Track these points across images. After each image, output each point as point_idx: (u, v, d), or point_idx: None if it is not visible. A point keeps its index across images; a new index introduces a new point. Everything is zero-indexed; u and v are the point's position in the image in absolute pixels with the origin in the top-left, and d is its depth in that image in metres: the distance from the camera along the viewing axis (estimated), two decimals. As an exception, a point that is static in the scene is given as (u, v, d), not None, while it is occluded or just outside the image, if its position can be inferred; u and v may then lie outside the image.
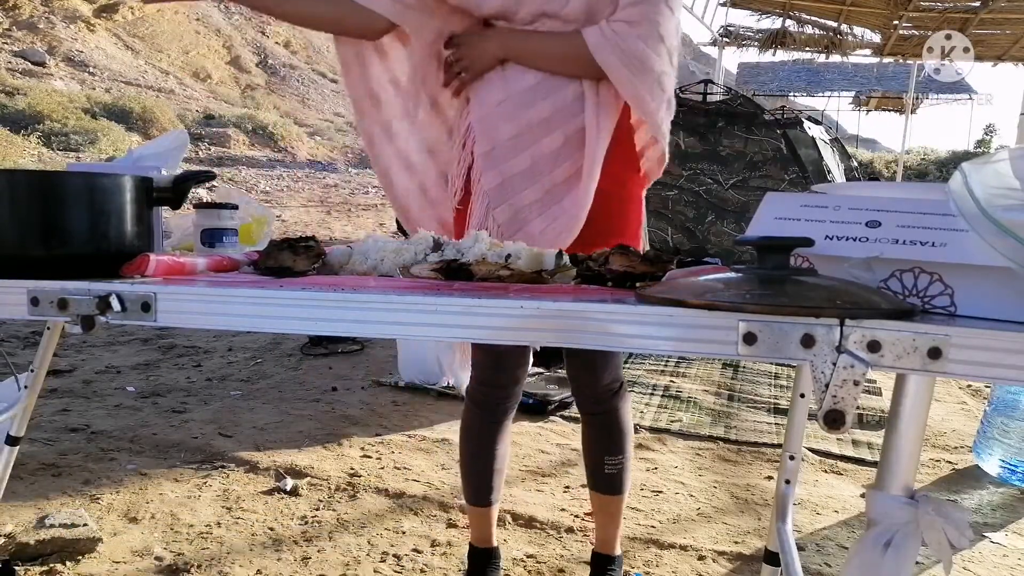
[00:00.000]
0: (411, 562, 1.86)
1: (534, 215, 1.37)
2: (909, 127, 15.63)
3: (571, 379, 1.58)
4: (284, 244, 0.99)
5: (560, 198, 1.36)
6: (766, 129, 4.85)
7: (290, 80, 24.20)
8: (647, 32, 1.30)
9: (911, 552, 0.64)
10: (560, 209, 1.36)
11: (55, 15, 19.09)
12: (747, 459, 2.64)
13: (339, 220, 10.18)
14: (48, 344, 1.43)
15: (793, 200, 0.83)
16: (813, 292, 0.66)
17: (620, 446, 1.58)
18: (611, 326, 0.70)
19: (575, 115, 1.36)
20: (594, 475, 1.62)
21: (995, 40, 9.09)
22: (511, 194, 1.38)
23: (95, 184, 0.90)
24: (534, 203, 1.37)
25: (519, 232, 1.37)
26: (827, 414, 0.61)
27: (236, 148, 16.03)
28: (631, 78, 1.30)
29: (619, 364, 1.57)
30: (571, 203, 1.35)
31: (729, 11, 9.51)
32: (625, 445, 1.59)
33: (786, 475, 1.32)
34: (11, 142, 11.22)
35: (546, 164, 1.37)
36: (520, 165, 1.37)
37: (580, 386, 1.57)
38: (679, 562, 1.90)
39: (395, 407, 3.04)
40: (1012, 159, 0.70)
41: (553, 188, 1.37)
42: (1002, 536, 2.11)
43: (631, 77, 1.30)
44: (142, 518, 2.02)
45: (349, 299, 0.76)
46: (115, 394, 3.10)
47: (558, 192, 1.37)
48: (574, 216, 1.35)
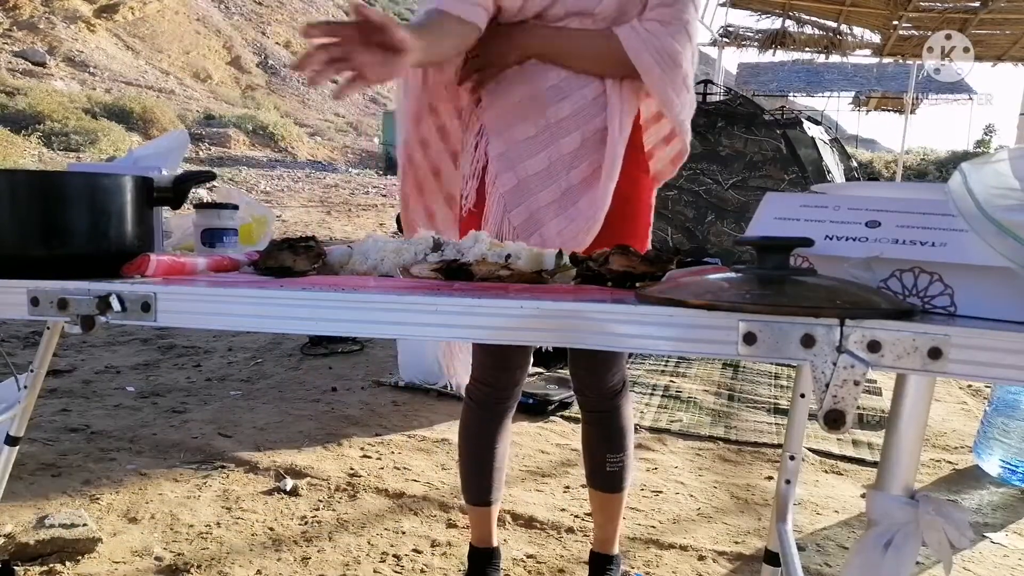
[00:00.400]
0: (411, 562, 1.86)
1: (550, 217, 1.35)
2: (909, 127, 15.63)
3: (574, 378, 1.58)
4: (284, 244, 0.99)
5: (577, 199, 1.35)
6: (766, 129, 4.85)
7: (290, 80, 24.19)
8: (678, 31, 1.32)
9: (911, 552, 0.64)
10: (577, 211, 1.34)
11: (55, 15, 19.08)
12: (747, 459, 2.64)
13: (339, 220, 10.18)
14: (48, 344, 1.43)
15: (793, 200, 0.83)
16: (813, 292, 0.66)
17: (621, 444, 1.58)
18: (611, 326, 0.70)
19: (594, 115, 1.35)
20: (595, 473, 1.62)
21: (995, 40, 9.09)
22: (527, 196, 1.35)
23: (95, 184, 0.90)
24: (551, 204, 1.35)
25: (535, 234, 1.35)
26: (827, 414, 0.61)
27: (236, 148, 16.03)
28: (662, 76, 1.31)
29: (623, 364, 1.57)
30: (588, 204, 1.34)
31: (729, 11, 9.51)
32: (626, 444, 1.59)
33: (786, 475, 1.32)
34: (11, 142, 11.22)
35: (563, 165, 1.35)
36: (537, 166, 1.35)
37: (584, 386, 1.56)
38: (679, 562, 1.90)
39: (395, 407, 3.04)
40: (1012, 159, 0.70)
41: (570, 189, 1.35)
42: (1002, 536, 2.11)
43: (662, 76, 1.31)
44: (142, 518, 2.02)
45: (349, 299, 0.76)
46: (115, 394, 3.10)
47: (575, 193, 1.35)
48: (591, 217, 1.34)
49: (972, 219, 0.66)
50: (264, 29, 26.60)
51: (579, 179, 1.36)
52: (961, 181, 0.69)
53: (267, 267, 0.97)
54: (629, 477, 1.62)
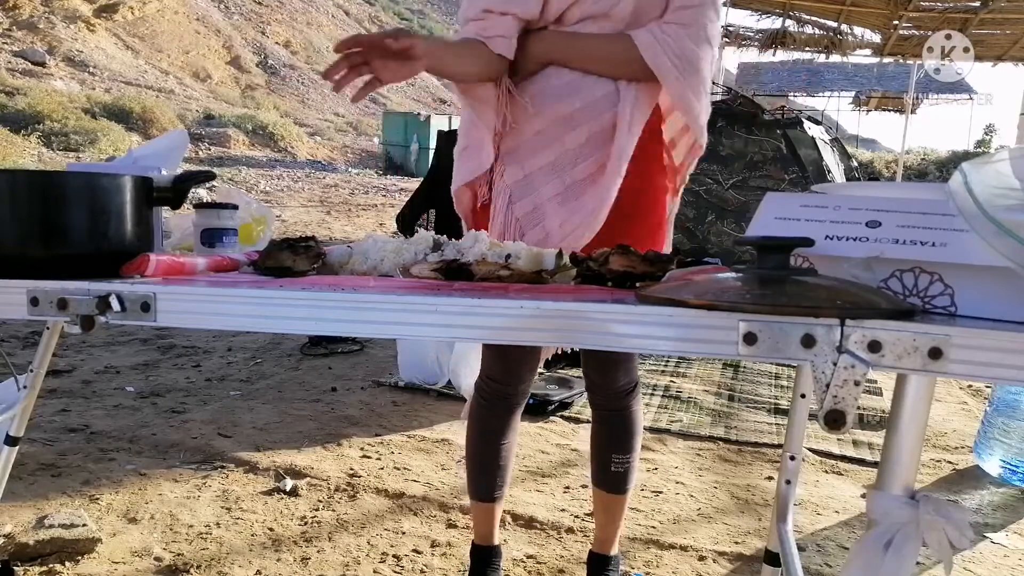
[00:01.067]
0: (411, 562, 1.86)
1: (553, 209, 1.36)
2: (909, 127, 15.62)
3: (585, 377, 1.59)
4: (284, 244, 0.99)
5: (580, 194, 1.36)
6: (766, 129, 4.84)
7: (290, 80, 24.21)
8: (697, 34, 1.32)
9: (912, 552, 0.63)
10: (580, 204, 1.35)
11: (55, 15, 19.10)
12: (747, 459, 2.64)
13: (339, 220, 10.18)
14: (48, 344, 1.43)
15: (793, 200, 0.83)
16: (813, 292, 0.66)
17: (629, 445, 1.59)
18: (611, 326, 0.70)
19: (602, 112, 1.36)
20: (600, 472, 1.62)
21: (995, 40, 9.09)
22: (532, 189, 1.38)
23: (95, 184, 0.90)
24: (554, 197, 1.37)
25: (537, 226, 1.36)
26: (828, 414, 0.61)
27: (236, 148, 16.04)
28: (680, 79, 1.32)
29: (634, 365, 1.57)
30: (591, 198, 1.35)
31: (729, 11, 9.50)
32: (634, 445, 1.59)
33: (787, 475, 1.32)
34: (11, 142, 11.23)
35: (568, 160, 1.36)
36: (543, 160, 1.37)
37: (594, 385, 1.57)
38: (679, 562, 1.90)
39: (395, 407, 3.04)
40: (1012, 159, 0.70)
41: (574, 184, 1.36)
42: (1003, 536, 2.11)
43: (679, 78, 1.32)
44: (141, 518, 2.02)
45: (349, 299, 0.76)
46: (114, 394, 3.10)
47: (579, 187, 1.36)
48: (592, 212, 1.34)
49: (972, 219, 0.66)
50: (264, 29, 26.61)
51: (584, 174, 1.36)
52: (961, 181, 0.69)
53: (267, 267, 0.96)
54: (633, 480, 1.62)
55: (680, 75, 1.31)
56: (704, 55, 1.33)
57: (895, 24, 8.78)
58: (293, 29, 27.96)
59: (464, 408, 1.68)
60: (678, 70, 1.31)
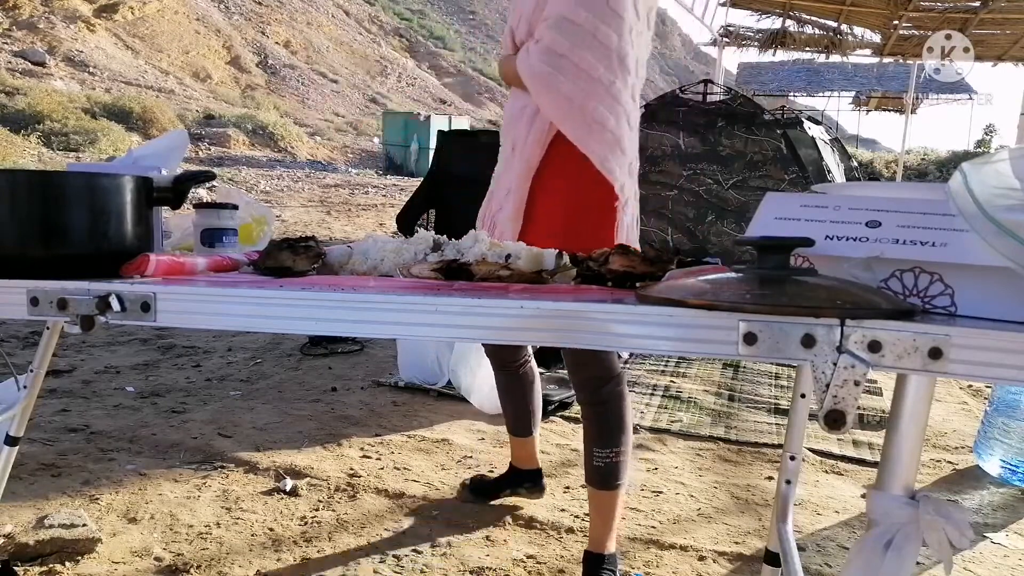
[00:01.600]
0: (411, 562, 1.86)
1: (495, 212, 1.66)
2: (909, 127, 15.62)
3: (567, 372, 1.69)
4: (284, 244, 0.99)
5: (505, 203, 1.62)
6: (766, 129, 4.84)
7: (290, 80, 24.21)
8: (544, 50, 1.49)
9: (912, 552, 0.64)
10: (502, 214, 1.62)
11: (55, 15, 19.10)
12: (747, 459, 2.64)
13: (339, 220, 10.18)
14: (48, 344, 1.43)
15: (793, 200, 0.83)
16: (813, 292, 0.66)
17: (608, 440, 1.60)
18: (611, 326, 0.70)
19: (516, 123, 1.60)
20: (585, 467, 1.67)
21: (995, 40, 9.09)
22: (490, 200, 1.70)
23: (95, 184, 0.90)
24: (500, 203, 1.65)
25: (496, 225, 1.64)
26: (828, 414, 0.61)
27: (236, 148, 16.04)
28: (533, 88, 1.52)
29: (607, 357, 1.61)
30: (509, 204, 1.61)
31: (729, 11, 9.52)
32: (615, 440, 1.60)
33: (787, 475, 1.32)
34: (11, 142, 11.23)
35: (503, 167, 1.65)
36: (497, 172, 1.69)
37: (573, 382, 1.67)
38: (679, 562, 1.90)
39: (395, 407, 3.04)
40: (1012, 159, 0.70)
41: (504, 192, 1.63)
42: (1003, 536, 2.11)
43: (532, 87, 1.52)
44: (141, 518, 2.02)
45: (349, 299, 0.76)
46: (114, 394, 3.10)
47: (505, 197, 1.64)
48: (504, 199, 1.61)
49: (972, 219, 0.66)
50: (264, 29, 26.61)
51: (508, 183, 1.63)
52: (961, 181, 0.69)
53: (267, 267, 0.97)
54: (622, 477, 1.62)
55: (531, 84, 1.51)
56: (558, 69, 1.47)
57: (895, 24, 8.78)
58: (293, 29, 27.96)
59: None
60: (528, 80, 1.52)
